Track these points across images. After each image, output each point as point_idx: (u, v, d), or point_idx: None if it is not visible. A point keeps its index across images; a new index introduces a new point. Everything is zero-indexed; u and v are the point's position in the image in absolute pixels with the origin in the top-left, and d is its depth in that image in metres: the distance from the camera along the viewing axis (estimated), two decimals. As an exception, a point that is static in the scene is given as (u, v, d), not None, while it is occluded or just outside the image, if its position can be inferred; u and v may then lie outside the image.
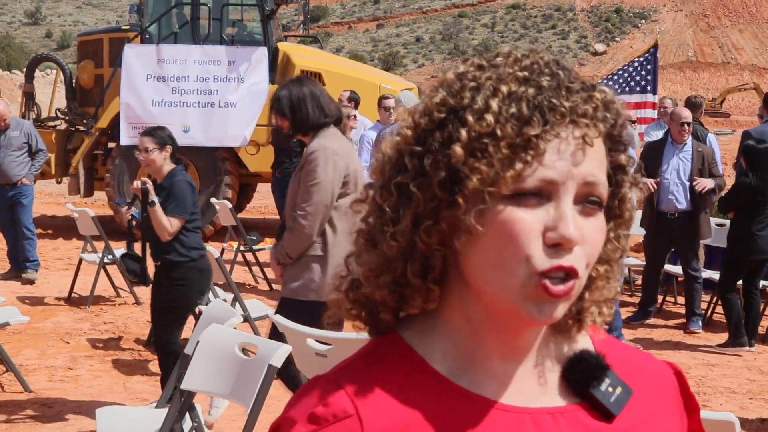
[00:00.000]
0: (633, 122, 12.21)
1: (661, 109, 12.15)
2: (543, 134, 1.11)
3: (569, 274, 1.12)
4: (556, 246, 1.11)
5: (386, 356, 1.21)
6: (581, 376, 1.23)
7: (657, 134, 11.42)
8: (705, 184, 8.91)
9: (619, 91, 13.88)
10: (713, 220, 9.60)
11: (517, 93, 1.13)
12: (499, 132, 1.11)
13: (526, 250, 1.11)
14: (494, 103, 1.12)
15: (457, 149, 1.12)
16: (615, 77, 14.29)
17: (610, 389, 1.22)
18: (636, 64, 14.45)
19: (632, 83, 14.26)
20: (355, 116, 10.86)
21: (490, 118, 1.12)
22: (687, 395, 1.35)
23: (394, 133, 1.22)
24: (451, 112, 1.15)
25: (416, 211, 1.15)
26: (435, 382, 1.18)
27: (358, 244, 1.23)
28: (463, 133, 1.12)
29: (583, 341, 1.30)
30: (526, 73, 1.15)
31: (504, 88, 1.13)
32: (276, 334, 4.67)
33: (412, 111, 1.20)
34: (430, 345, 1.21)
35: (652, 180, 9.03)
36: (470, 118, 1.13)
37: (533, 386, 1.22)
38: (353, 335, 4.02)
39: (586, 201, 1.14)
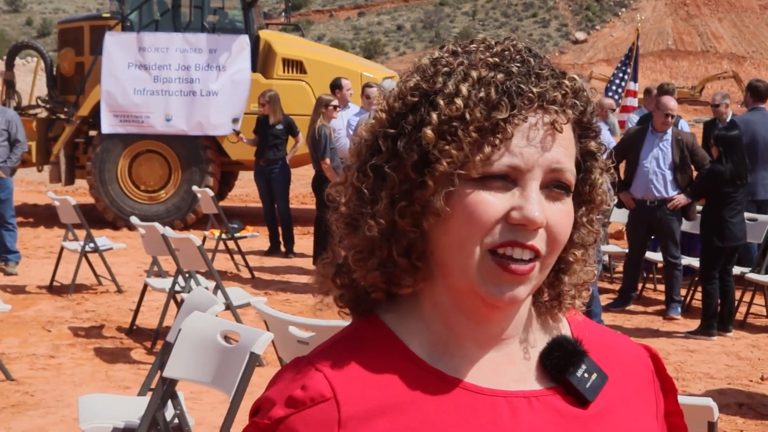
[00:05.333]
0: (614, 110, 12.26)
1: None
2: (511, 119, 1.14)
3: (534, 255, 1.15)
4: (519, 226, 1.14)
5: (367, 339, 1.23)
6: (558, 362, 1.24)
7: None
8: (679, 201, 9.00)
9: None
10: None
11: (487, 78, 1.16)
12: (468, 116, 1.14)
13: (486, 230, 1.14)
14: (464, 88, 1.15)
15: (428, 132, 1.15)
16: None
17: (586, 375, 1.24)
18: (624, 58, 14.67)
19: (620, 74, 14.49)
20: (336, 106, 10.87)
21: (459, 102, 1.15)
22: (663, 377, 1.37)
23: (370, 117, 1.25)
24: (423, 96, 1.18)
25: (391, 192, 1.18)
26: (413, 365, 1.20)
27: (339, 229, 1.25)
28: (434, 116, 1.16)
29: (561, 325, 1.32)
30: (496, 59, 1.18)
31: (474, 74, 1.16)
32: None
33: (387, 95, 1.23)
34: (409, 329, 1.23)
35: (629, 198, 9.21)
36: (441, 102, 1.16)
37: (510, 371, 1.23)
38: (335, 322, 4.03)
39: (552, 186, 1.17)
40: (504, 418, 1.19)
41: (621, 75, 14.65)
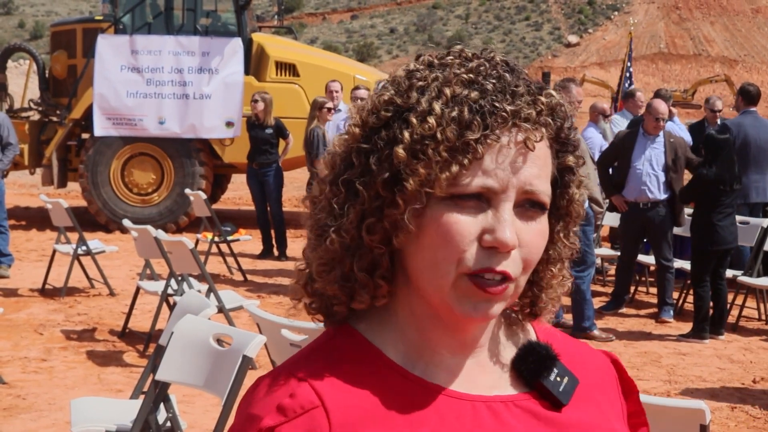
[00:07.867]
0: (606, 117, 12.27)
1: (638, 102, 12.23)
2: (483, 138, 1.13)
3: (504, 277, 1.15)
4: (492, 249, 1.14)
5: (343, 348, 1.23)
6: (532, 367, 1.26)
7: (622, 121, 11.64)
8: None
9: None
10: (686, 210, 9.67)
11: (460, 96, 1.15)
12: (439, 135, 1.14)
13: (460, 252, 1.14)
14: (437, 106, 1.15)
15: (400, 151, 1.15)
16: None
17: (558, 379, 1.26)
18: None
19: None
20: (330, 109, 10.89)
21: (432, 120, 1.14)
22: (624, 380, 1.39)
23: (344, 130, 1.25)
24: (396, 112, 1.18)
25: (362, 208, 1.18)
26: (392, 373, 1.21)
27: (310, 238, 1.25)
28: (406, 135, 1.15)
29: (527, 331, 1.34)
30: (471, 76, 1.17)
31: (448, 91, 1.16)
32: None
33: (361, 109, 1.22)
34: (383, 337, 1.24)
35: (622, 201, 9.25)
36: (414, 120, 1.15)
37: (484, 377, 1.25)
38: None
39: (527, 205, 1.17)
40: (487, 423, 1.20)
41: (627, 81, 14.74)
